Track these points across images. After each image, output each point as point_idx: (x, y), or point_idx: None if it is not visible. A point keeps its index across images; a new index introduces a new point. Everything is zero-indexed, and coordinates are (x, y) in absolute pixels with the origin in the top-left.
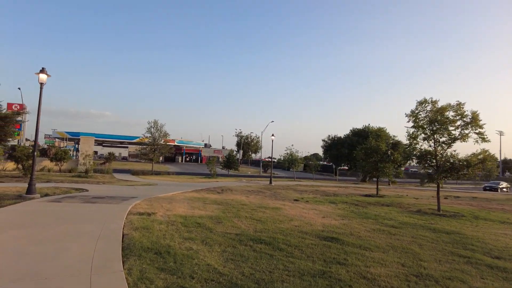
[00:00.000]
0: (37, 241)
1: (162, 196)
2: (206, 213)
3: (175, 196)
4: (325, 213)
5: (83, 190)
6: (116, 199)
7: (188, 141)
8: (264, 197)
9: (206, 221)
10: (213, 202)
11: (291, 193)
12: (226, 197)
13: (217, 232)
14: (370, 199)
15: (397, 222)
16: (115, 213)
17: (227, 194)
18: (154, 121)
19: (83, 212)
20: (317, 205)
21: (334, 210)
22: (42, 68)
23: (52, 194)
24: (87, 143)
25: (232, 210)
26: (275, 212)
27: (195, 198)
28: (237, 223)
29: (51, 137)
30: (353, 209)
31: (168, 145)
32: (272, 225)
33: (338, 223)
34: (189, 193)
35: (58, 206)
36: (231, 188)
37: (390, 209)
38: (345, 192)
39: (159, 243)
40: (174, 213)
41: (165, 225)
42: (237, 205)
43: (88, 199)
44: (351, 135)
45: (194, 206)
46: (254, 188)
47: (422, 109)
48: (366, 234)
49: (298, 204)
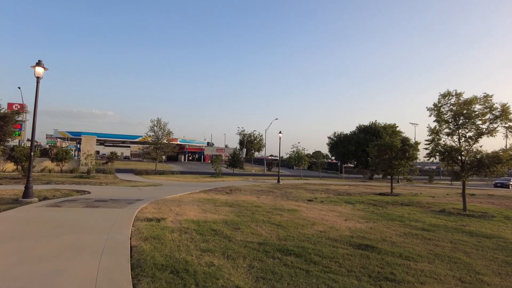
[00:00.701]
0: (29, 259)
1: (169, 198)
2: (220, 217)
3: (183, 198)
4: (346, 215)
5: (85, 192)
6: (120, 203)
7: (190, 139)
8: (275, 197)
9: (222, 227)
10: (224, 204)
11: (302, 193)
12: (237, 198)
13: (237, 241)
14: (386, 198)
15: (426, 224)
16: (120, 220)
17: (237, 194)
18: (157, 120)
19: (85, 218)
20: (334, 205)
21: (353, 212)
22: (39, 60)
23: (52, 197)
24: (89, 143)
25: (246, 213)
26: (292, 214)
27: (205, 199)
28: (256, 229)
29: (53, 137)
30: (372, 209)
31: (171, 144)
32: (294, 230)
33: (364, 227)
34: (197, 194)
35: (57, 212)
36: (240, 188)
37: (411, 209)
38: (357, 191)
39: (174, 257)
40: (185, 218)
41: (178, 233)
42: (251, 207)
43: (90, 202)
44: (357, 132)
45: (205, 209)
46: (263, 188)
47: (445, 102)
48: (399, 239)
49: (314, 205)
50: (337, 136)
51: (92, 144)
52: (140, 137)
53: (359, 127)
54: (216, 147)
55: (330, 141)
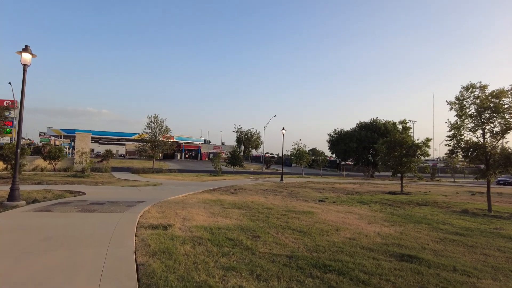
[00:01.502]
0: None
1: (172, 199)
2: (232, 221)
3: (187, 199)
4: (367, 218)
5: (79, 193)
6: (119, 205)
7: (187, 137)
8: (283, 197)
9: (239, 235)
10: (232, 205)
11: (310, 192)
12: (244, 198)
13: (261, 254)
14: (398, 197)
15: (457, 228)
16: (121, 227)
17: (243, 194)
18: (155, 116)
19: (79, 226)
20: (348, 206)
21: (372, 213)
22: (26, 46)
23: (42, 199)
24: (84, 140)
25: (260, 216)
26: (310, 218)
27: (210, 201)
28: (278, 237)
29: (46, 134)
30: (390, 210)
31: (169, 142)
32: (320, 238)
33: (393, 232)
34: (201, 194)
35: (46, 218)
36: (244, 188)
37: (431, 209)
38: (365, 190)
39: (192, 280)
40: (195, 223)
41: (190, 244)
42: (262, 210)
43: (86, 205)
44: (357, 129)
45: (213, 212)
46: (268, 187)
47: (468, 95)
48: (439, 247)
49: (327, 206)
50: (337, 133)
51: (86, 141)
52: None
53: (360, 124)
54: (213, 144)
55: (330, 138)
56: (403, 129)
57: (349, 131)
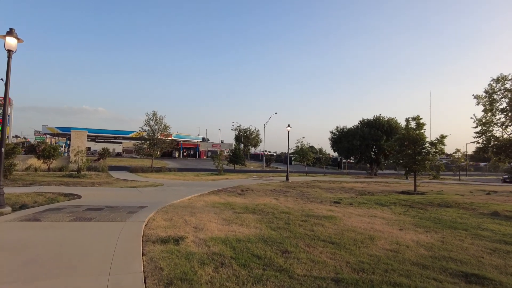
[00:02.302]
0: None
1: (177, 203)
2: (250, 231)
3: (194, 203)
4: (394, 222)
5: (74, 196)
6: (120, 211)
7: (185, 135)
8: (295, 199)
9: (265, 250)
10: (244, 209)
11: (320, 192)
12: (254, 200)
13: (301, 278)
14: (415, 197)
15: (499, 234)
16: (124, 242)
17: (252, 196)
18: (154, 113)
19: (72, 242)
20: (368, 209)
21: (397, 216)
22: (10, 29)
23: (32, 204)
24: (79, 138)
25: (278, 223)
26: (334, 224)
27: (219, 204)
28: (310, 251)
29: (41, 133)
30: (414, 213)
31: (168, 140)
32: (358, 251)
33: (432, 240)
34: (207, 196)
35: (33, 231)
36: (250, 188)
37: (457, 211)
38: (375, 189)
39: None
40: (209, 234)
41: (212, 266)
42: (278, 214)
43: (81, 212)
44: (360, 126)
45: (226, 218)
46: (275, 187)
47: (498, 88)
48: (499, 261)
49: (346, 209)
50: (340, 130)
51: (82, 139)
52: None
53: (362, 121)
54: (212, 142)
55: (332, 135)
56: (417, 126)
57: (351, 129)
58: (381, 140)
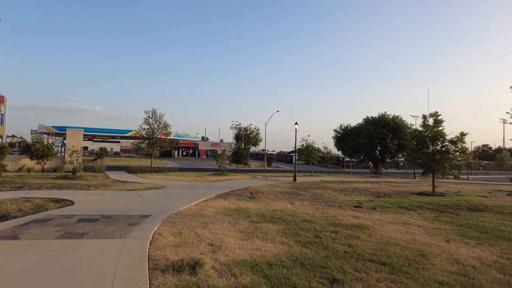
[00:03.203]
0: None
1: (184, 210)
2: (278, 248)
3: (203, 209)
4: (433, 231)
5: (67, 202)
6: (118, 223)
7: (184, 134)
8: (311, 202)
9: (309, 280)
10: (261, 217)
11: (334, 195)
12: (267, 206)
13: None
14: (437, 199)
15: None
16: (124, 272)
17: (263, 200)
18: (153, 111)
19: (53, 272)
20: (395, 214)
21: (432, 223)
22: None
23: (15, 213)
24: (75, 137)
25: (306, 235)
26: (368, 234)
27: (231, 211)
28: (364, 278)
29: (38, 132)
30: (448, 219)
31: (169, 139)
32: (419, 275)
33: (494, 257)
34: (215, 201)
35: (4, 256)
36: (259, 190)
37: (494, 217)
38: (389, 190)
39: None
40: (231, 255)
41: None
42: (301, 223)
43: (71, 225)
44: (365, 124)
45: (244, 230)
46: (284, 189)
47: None
48: None
49: (371, 215)
50: (344, 129)
51: (78, 138)
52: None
53: (367, 119)
54: (211, 141)
55: (336, 134)
56: (435, 123)
57: (356, 126)
58: (386, 138)
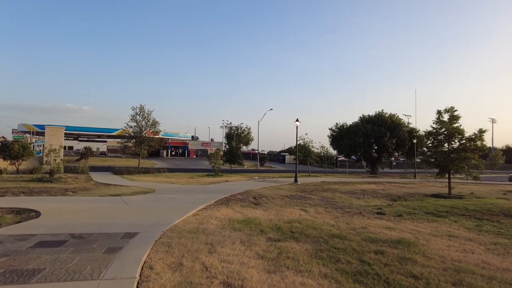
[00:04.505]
0: None
1: (180, 223)
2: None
3: (204, 222)
4: (494, 248)
5: (31, 213)
6: (92, 246)
7: (173, 133)
8: (325, 209)
9: None
10: (278, 231)
11: (346, 198)
12: (278, 214)
13: None
14: (461, 202)
15: None
16: None
17: (271, 206)
18: (141, 107)
19: None
20: (428, 223)
21: (482, 236)
22: None
23: None
24: (55, 136)
25: (349, 260)
26: (423, 255)
27: (238, 223)
28: None
29: (18, 131)
30: (494, 228)
31: (158, 138)
32: None
33: None
34: (217, 208)
35: None
36: (261, 194)
37: None
38: (399, 192)
39: None
40: None
41: None
42: (329, 239)
43: (23, 253)
44: (361, 122)
45: (264, 254)
46: (289, 192)
47: None
48: None
49: (402, 224)
50: (340, 127)
51: (59, 137)
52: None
53: (363, 118)
54: (201, 141)
55: (332, 133)
56: (451, 119)
57: (353, 125)
58: (384, 137)
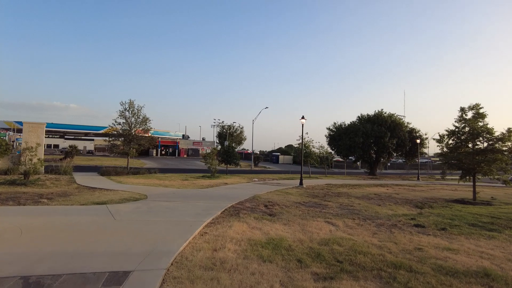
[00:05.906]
0: None
1: (188, 251)
2: None
3: (218, 247)
4: None
5: None
6: None
7: (164, 131)
8: (353, 220)
9: None
10: (319, 260)
11: (367, 206)
12: (305, 231)
13: None
14: (497, 211)
15: None
16: None
17: (289, 218)
18: (130, 102)
19: None
20: (486, 240)
21: None
22: None
23: None
24: (35, 132)
25: None
26: None
27: (263, 247)
28: None
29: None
30: None
31: (148, 136)
32: None
33: None
34: (227, 223)
35: None
36: (272, 200)
37: None
38: (414, 196)
39: None
40: None
41: None
42: (393, 272)
43: None
44: (359, 122)
45: None
46: (300, 198)
47: None
48: None
49: (458, 242)
50: (338, 127)
51: (38, 133)
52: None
53: (362, 117)
54: (192, 140)
55: (330, 132)
56: (475, 117)
57: (351, 125)
58: (385, 137)
